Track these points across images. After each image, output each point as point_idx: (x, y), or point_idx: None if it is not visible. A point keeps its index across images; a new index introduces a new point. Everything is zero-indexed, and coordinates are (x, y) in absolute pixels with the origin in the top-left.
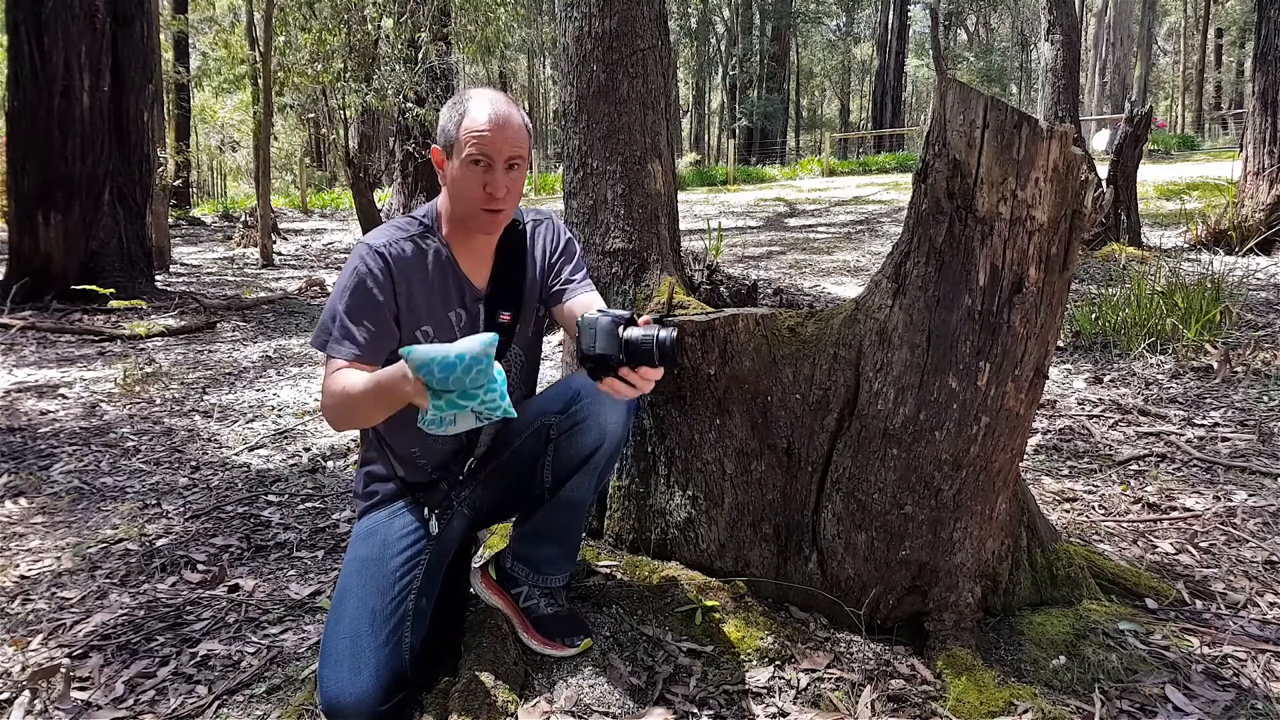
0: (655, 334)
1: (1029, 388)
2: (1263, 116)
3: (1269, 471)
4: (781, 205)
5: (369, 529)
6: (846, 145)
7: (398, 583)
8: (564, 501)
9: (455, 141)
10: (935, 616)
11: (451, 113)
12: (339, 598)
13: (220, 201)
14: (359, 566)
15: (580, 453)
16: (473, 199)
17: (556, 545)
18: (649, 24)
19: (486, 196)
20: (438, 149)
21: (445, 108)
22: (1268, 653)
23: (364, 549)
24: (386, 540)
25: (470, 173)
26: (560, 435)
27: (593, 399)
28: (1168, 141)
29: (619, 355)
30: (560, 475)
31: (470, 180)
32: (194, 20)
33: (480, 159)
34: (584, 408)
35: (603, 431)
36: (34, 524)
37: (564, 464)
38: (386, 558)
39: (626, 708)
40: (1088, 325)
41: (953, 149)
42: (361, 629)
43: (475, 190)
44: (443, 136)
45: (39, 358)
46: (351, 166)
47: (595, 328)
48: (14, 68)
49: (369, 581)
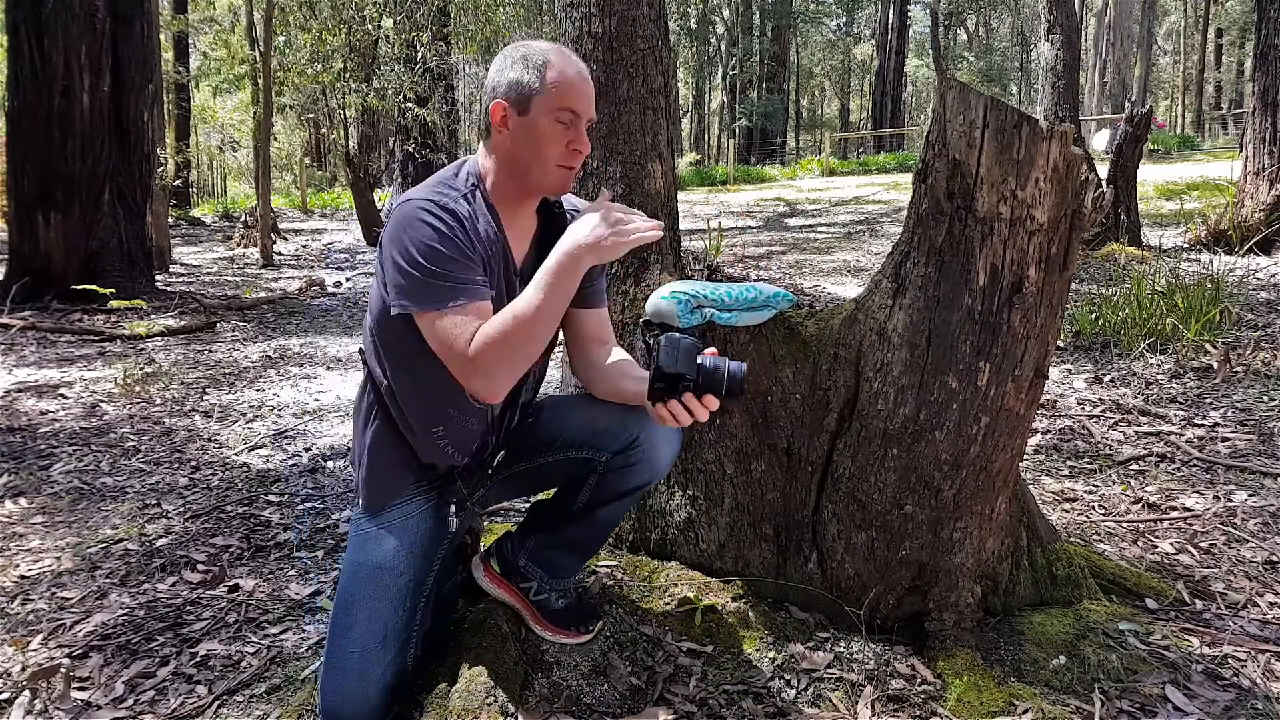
0: (726, 364)
1: (1029, 388)
2: (1263, 116)
3: (1269, 471)
4: (781, 205)
5: (380, 533)
6: (846, 145)
7: (410, 596)
8: (596, 522)
9: (537, 95)
10: (935, 616)
11: (525, 64)
12: (346, 605)
13: (220, 201)
14: (370, 575)
15: (625, 489)
16: (553, 156)
17: (578, 556)
18: (649, 24)
19: (570, 153)
20: (503, 104)
21: (507, 62)
22: (1268, 653)
23: (376, 555)
24: (399, 549)
25: (555, 129)
26: (609, 471)
27: (651, 444)
28: (1168, 141)
29: (692, 379)
30: (597, 503)
31: (555, 136)
32: (194, 20)
33: (569, 113)
34: (641, 452)
35: (654, 473)
36: (34, 524)
37: (605, 496)
38: (400, 568)
39: (626, 708)
40: (1088, 325)
41: (953, 149)
42: (372, 644)
43: (557, 147)
44: (515, 90)
45: (39, 358)
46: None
47: (678, 346)
48: (14, 68)
49: (382, 593)
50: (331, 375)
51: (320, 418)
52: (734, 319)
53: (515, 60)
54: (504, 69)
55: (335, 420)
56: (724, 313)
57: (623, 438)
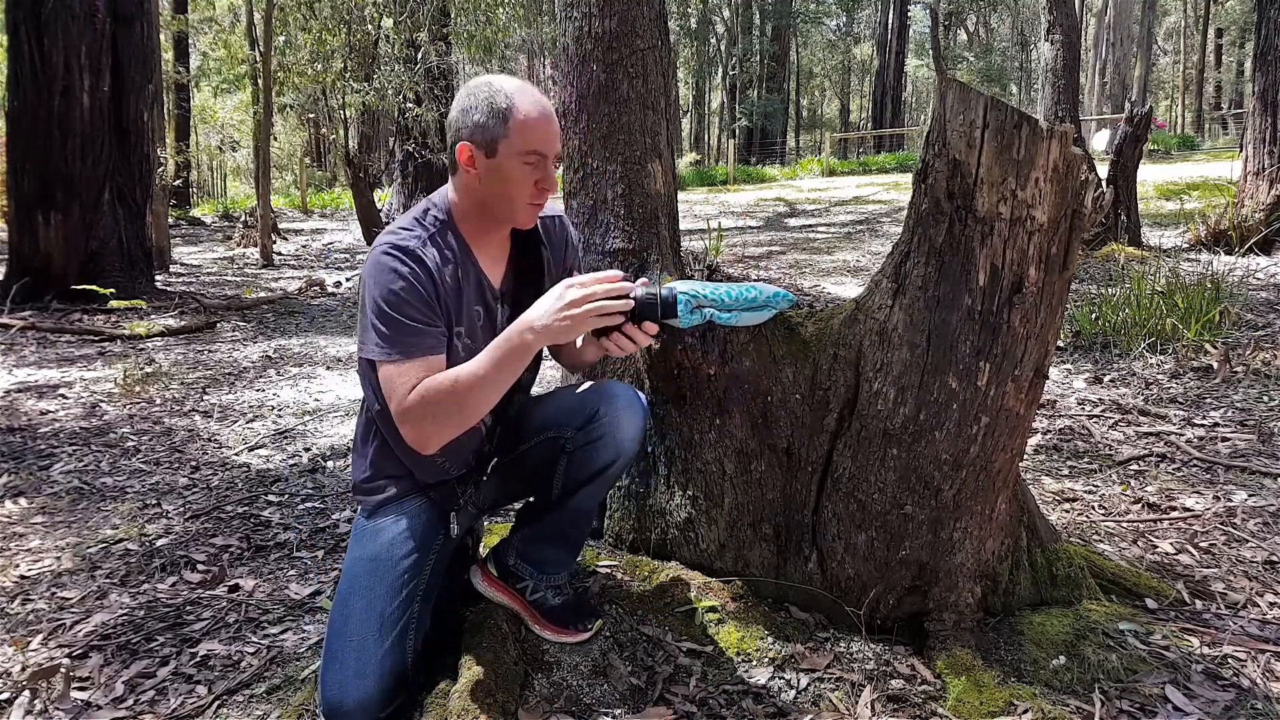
0: (659, 292)
1: (1029, 388)
2: (1263, 116)
3: (1269, 471)
4: (781, 205)
5: (377, 527)
6: (846, 145)
7: (406, 586)
8: (572, 509)
9: (502, 138)
10: (935, 616)
11: (489, 108)
12: (344, 598)
13: (220, 201)
14: (367, 567)
15: (594, 467)
16: (521, 196)
17: (561, 548)
18: (649, 24)
19: (538, 191)
20: (469, 146)
21: (471, 102)
22: (1268, 653)
23: (372, 548)
24: (395, 541)
25: (522, 169)
26: (576, 449)
27: (612, 417)
28: (1168, 141)
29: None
30: (571, 486)
31: (522, 176)
32: (194, 20)
33: (535, 155)
34: (602, 425)
35: (619, 449)
36: (34, 524)
37: (576, 476)
38: (395, 559)
39: (626, 707)
40: (1088, 325)
41: (953, 149)
42: (368, 633)
43: (525, 187)
44: (480, 133)
45: (39, 358)
46: (351, 166)
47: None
48: (14, 68)
49: (377, 583)
50: (331, 375)
51: (320, 418)
52: (734, 319)
53: (480, 102)
54: (470, 110)
55: (335, 420)
56: (724, 313)
57: (584, 413)
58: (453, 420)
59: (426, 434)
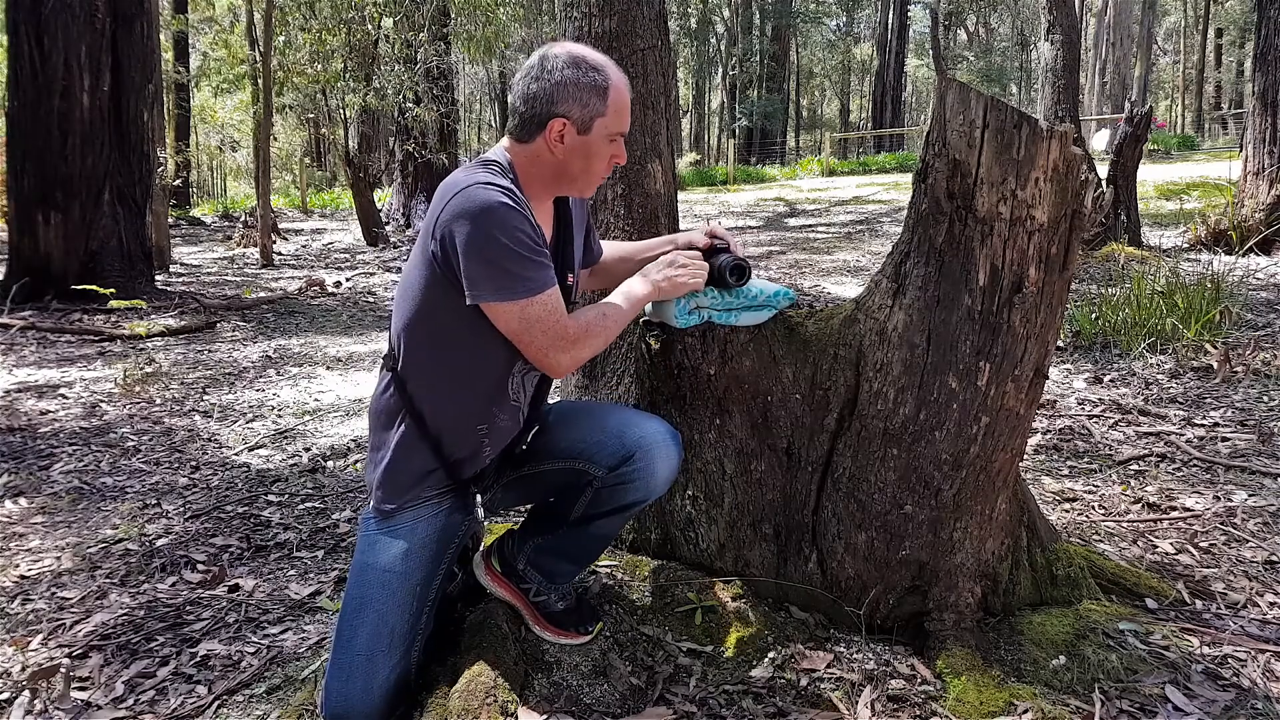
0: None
1: (1029, 388)
2: (1263, 116)
3: (1269, 471)
4: (781, 205)
5: (391, 536)
6: (846, 145)
7: (417, 600)
8: (592, 532)
9: (599, 116)
10: (935, 616)
11: (593, 88)
12: (353, 609)
13: (220, 201)
14: (379, 578)
15: (620, 504)
16: (601, 171)
17: (575, 564)
18: (649, 24)
19: (610, 166)
20: (564, 121)
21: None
22: (1268, 653)
23: (385, 559)
24: (409, 552)
25: (607, 146)
26: (605, 488)
27: (647, 462)
28: (1167, 141)
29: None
30: (595, 515)
31: (605, 153)
32: (194, 20)
33: (621, 134)
34: (637, 471)
35: (649, 492)
36: (34, 524)
37: (601, 508)
38: (409, 571)
39: (626, 708)
40: (1088, 325)
41: (953, 149)
42: (378, 649)
43: (604, 162)
44: (581, 109)
45: (39, 358)
46: (351, 166)
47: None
48: (14, 68)
49: (389, 598)
50: (331, 375)
51: (320, 418)
52: (734, 319)
53: (582, 76)
54: (564, 83)
55: (335, 420)
56: (724, 312)
57: (619, 452)
58: (597, 346)
59: (579, 357)
